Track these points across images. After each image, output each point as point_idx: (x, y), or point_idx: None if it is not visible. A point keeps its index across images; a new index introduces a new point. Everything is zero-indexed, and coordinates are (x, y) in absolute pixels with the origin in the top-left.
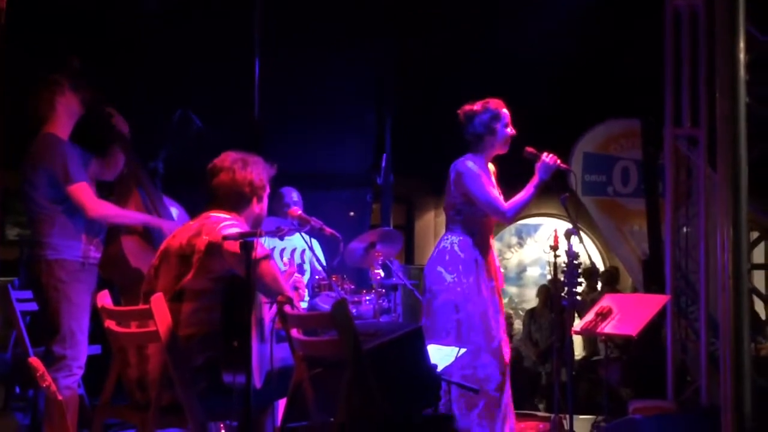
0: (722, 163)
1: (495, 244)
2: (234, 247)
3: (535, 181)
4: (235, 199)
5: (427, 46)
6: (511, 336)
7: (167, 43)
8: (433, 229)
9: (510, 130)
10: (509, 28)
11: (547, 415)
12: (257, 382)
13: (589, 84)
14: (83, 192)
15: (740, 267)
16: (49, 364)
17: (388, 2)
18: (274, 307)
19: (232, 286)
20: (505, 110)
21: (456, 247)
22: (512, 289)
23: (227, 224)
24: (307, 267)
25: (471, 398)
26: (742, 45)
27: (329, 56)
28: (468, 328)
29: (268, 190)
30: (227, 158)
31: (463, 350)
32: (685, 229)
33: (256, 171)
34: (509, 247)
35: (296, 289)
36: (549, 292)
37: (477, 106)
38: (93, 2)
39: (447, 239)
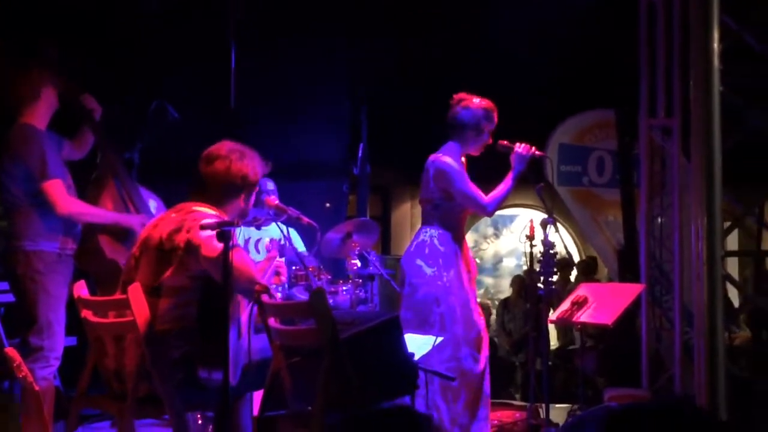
0: (696, 150)
1: (471, 236)
2: (210, 251)
3: (512, 173)
4: (224, 191)
5: (402, 38)
6: (488, 327)
7: (143, 34)
8: (410, 219)
9: (488, 139)
10: (485, 19)
11: (523, 404)
12: (232, 378)
13: (564, 75)
14: (55, 189)
15: (714, 253)
16: (26, 355)
17: None
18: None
19: (210, 284)
20: (496, 117)
21: (435, 241)
22: (488, 280)
23: (207, 222)
24: (284, 258)
25: (455, 390)
26: (716, 34)
27: (305, 46)
28: (451, 321)
29: (257, 188)
30: (224, 147)
31: (440, 339)
32: (659, 219)
33: (251, 165)
34: (485, 238)
35: (278, 273)
36: (523, 282)
37: (476, 99)
38: None
39: (426, 232)
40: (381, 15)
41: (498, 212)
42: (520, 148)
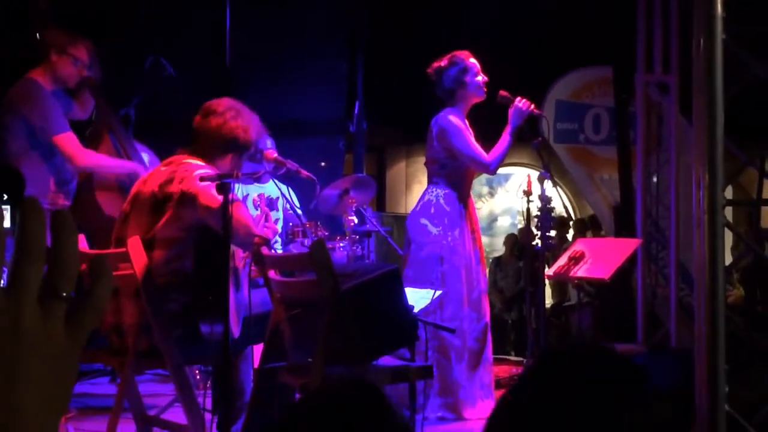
0: (698, 98)
1: None
2: (209, 201)
3: (509, 128)
4: (214, 147)
5: None
6: None
7: None
8: (405, 178)
9: (481, 78)
10: None
11: (519, 359)
12: (235, 331)
13: (562, 31)
14: (70, 142)
15: (716, 201)
16: None
17: None
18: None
19: (204, 235)
20: (472, 60)
21: (441, 200)
22: (483, 239)
23: (202, 172)
24: (281, 215)
25: (458, 350)
26: None
27: (301, 2)
28: (453, 280)
29: (250, 150)
30: (223, 103)
31: (438, 292)
32: (655, 177)
33: (244, 126)
34: (480, 197)
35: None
36: (515, 240)
37: (444, 62)
38: None
39: (432, 192)
40: None
41: None
42: (520, 102)
